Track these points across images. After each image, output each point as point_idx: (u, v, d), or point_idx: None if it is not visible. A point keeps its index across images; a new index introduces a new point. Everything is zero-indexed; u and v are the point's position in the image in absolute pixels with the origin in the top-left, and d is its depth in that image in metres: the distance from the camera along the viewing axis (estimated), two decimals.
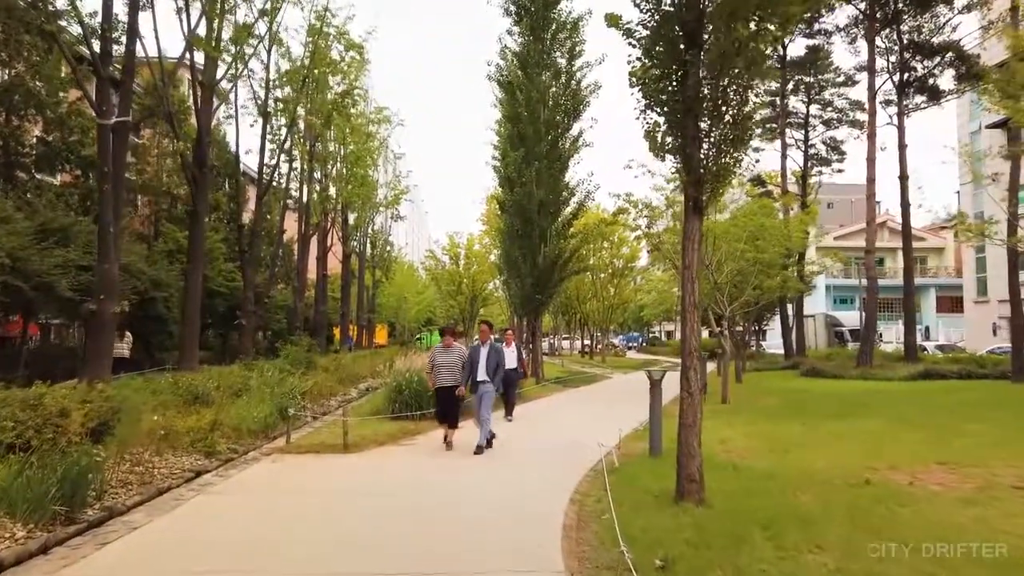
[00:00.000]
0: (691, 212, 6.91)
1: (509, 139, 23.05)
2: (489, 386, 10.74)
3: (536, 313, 23.58)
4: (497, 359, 10.90)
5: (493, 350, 10.94)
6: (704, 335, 68.73)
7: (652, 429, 9.55)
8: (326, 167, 36.09)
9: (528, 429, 13.34)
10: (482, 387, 10.69)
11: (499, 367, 10.89)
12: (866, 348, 23.67)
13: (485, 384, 10.69)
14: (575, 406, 17.81)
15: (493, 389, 10.87)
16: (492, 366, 10.75)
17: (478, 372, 10.69)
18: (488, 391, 10.72)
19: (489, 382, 10.71)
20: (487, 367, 10.70)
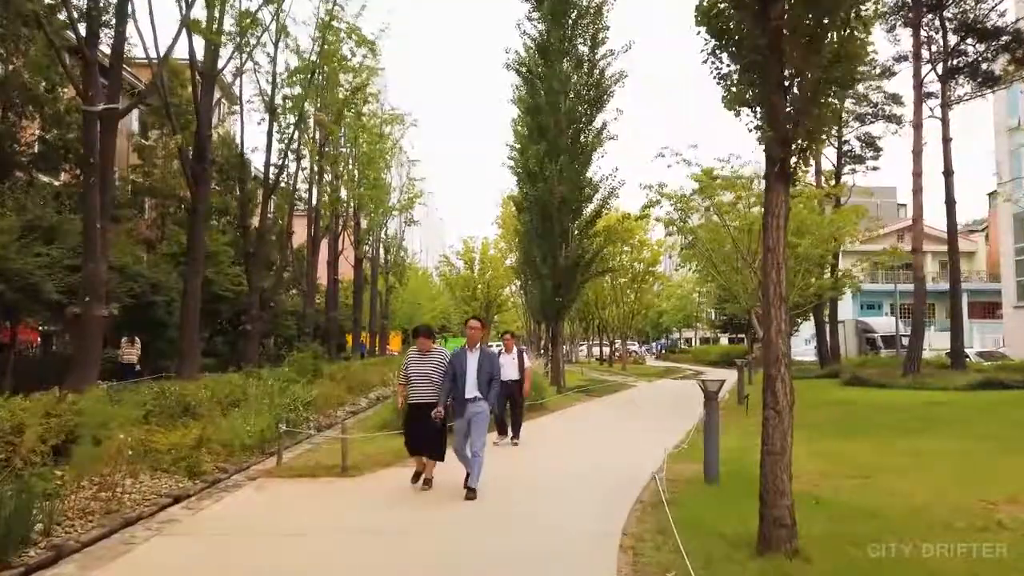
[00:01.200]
0: (775, 179, 5.40)
1: (528, 132, 21.62)
2: (482, 406, 7.81)
3: (557, 318, 22.08)
4: (491, 369, 7.98)
5: (485, 357, 8.03)
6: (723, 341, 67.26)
7: (708, 450, 8.02)
8: (337, 168, 34.88)
9: (554, 447, 11.84)
10: (471, 407, 7.77)
11: (493, 380, 7.97)
12: (913, 355, 21.97)
13: (476, 403, 7.78)
14: (602, 418, 16.29)
15: (487, 410, 7.94)
16: (484, 378, 7.86)
17: (465, 387, 7.81)
18: (480, 413, 7.80)
19: (482, 400, 7.81)
20: (478, 380, 7.83)
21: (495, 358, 8.38)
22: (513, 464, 10.03)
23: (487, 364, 7.96)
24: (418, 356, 8.16)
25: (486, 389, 7.84)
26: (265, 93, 25.52)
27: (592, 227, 21.97)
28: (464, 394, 7.80)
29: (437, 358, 8.09)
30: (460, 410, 7.82)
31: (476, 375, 7.81)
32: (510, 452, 11.14)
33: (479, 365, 7.87)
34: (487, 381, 7.87)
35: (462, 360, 7.94)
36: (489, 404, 7.91)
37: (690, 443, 11.20)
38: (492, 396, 7.98)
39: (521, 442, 12.17)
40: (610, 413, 17.57)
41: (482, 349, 8.08)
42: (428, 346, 8.25)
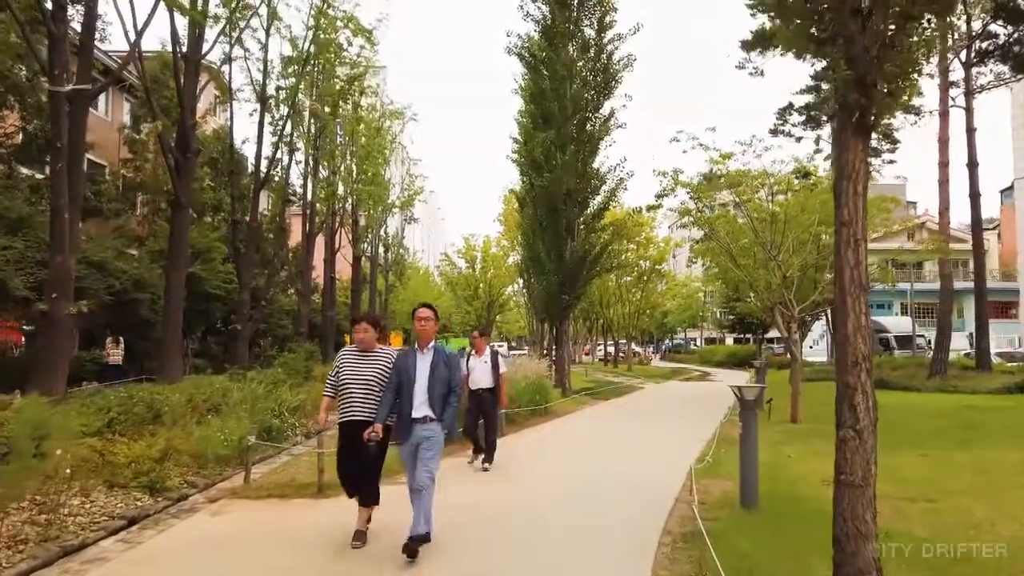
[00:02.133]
0: (852, 132, 4.22)
1: (533, 120, 20.44)
2: (433, 429, 5.52)
3: (563, 316, 20.87)
4: (448, 377, 5.65)
5: (442, 361, 5.70)
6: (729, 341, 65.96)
7: (745, 469, 6.83)
8: (334, 162, 33.73)
9: (559, 459, 10.63)
10: (419, 430, 5.51)
11: (451, 394, 5.65)
12: (940, 357, 20.77)
13: (425, 426, 5.50)
14: (612, 424, 15.09)
15: (440, 433, 5.57)
16: (439, 391, 5.58)
17: (412, 402, 5.55)
18: (430, 437, 5.50)
19: (435, 422, 5.53)
20: (429, 394, 5.55)
21: (455, 361, 5.83)
22: (510, 482, 8.83)
23: (443, 370, 5.59)
24: (355, 356, 5.89)
25: (441, 406, 5.51)
26: (257, 82, 24.36)
27: (599, 220, 20.77)
28: (410, 412, 5.48)
29: (383, 360, 5.86)
30: (404, 434, 5.54)
31: (427, 386, 5.52)
32: (504, 468, 9.95)
33: (432, 372, 5.55)
34: (443, 395, 5.55)
35: (409, 364, 5.61)
36: (444, 427, 5.52)
37: (714, 455, 10.03)
38: (449, 417, 5.55)
39: (523, 454, 10.99)
40: (620, 418, 16.38)
41: (438, 350, 5.74)
42: (371, 341, 5.91)
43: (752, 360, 43.55)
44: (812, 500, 7.00)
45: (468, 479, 8.76)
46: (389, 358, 5.89)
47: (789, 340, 13.47)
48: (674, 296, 59.38)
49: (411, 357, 5.73)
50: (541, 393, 15.98)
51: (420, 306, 5.99)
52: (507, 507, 7.21)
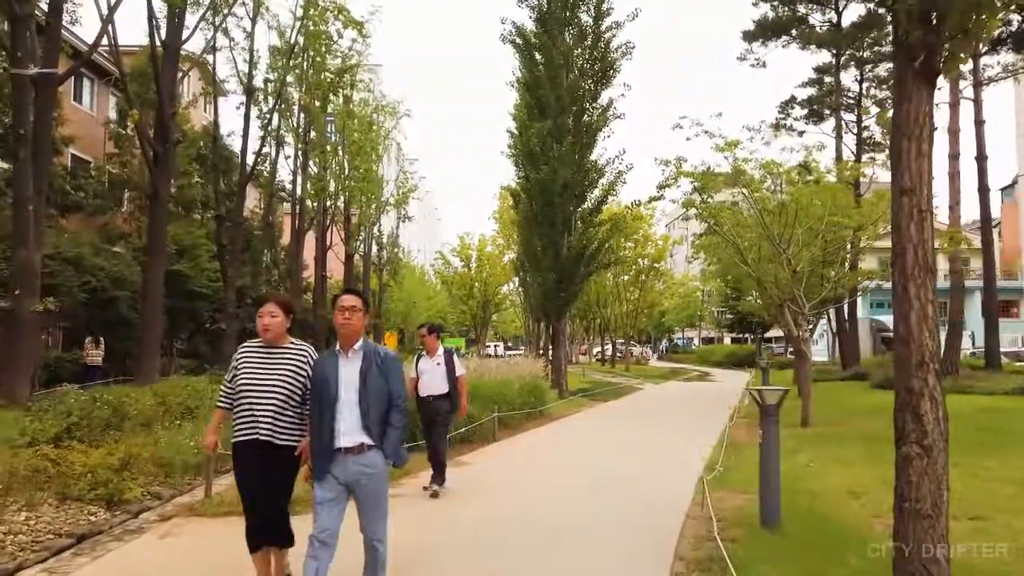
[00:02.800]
0: (914, 79, 3.44)
1: (528, 111, 19.63)
2: (372, 462, 3.98)
3: (559, 314, 20.05)
4: (385, 388, 4.03)
5: (375, 366, 4.04)
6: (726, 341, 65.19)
7: (765, 485, 6.03)
8: (324, 157, 32.91)
9: (556, 465, 9.83)
10: (352, 464, 3.95)
11: (393, 409, 4.04)
12: (951, 356, 20.01)
13: (361, 457, 3.96)
14: (611, 427, 14.30)
15: (384, 468, 4.05)
16: (376, 408, 4.00)
17: (336, 423, 3.94)
18: (371, 474, 3.99)
19: (374, 450, 3.98)
20: (362, 411, 3.96)
21: (394, 365, 4.13)
22: (495, 496, 8.03)
23: (378, 379, 3.98)
24: (258, 353, 4.26)
25: (380, 428, 3.96)
26: (242, 73, 23.53)
27: (597, 214, 19.97)
28: (331, 439, 3.89)
29: (296, 358, 4.24)
30: (323, 466, 3.92)
31: (358, 401, 3.93)
32: (491, 479, 9.15)
33: (362, 382, 3.95)
34: (381, 412, 3.98)
35: (327, 373, 3.98)
36: (389, 458, 4.00)
37: (723, 462, 9.23)
38: (394, 443, 4.00)
39: (513, 462, 10.21)
40: (619, 421, 15.59)
41: (370, 351, 4.05)
42: (279, 332, 4.25)
43: (755, 359, 42.85)
44: (839, 519, 6.22)
45: (465, 482, 7.96)
46: (304, 356, 4.25)
47: (799, 339, 12.68)
48: (672, 295, 58.65)
49: (330, 363, 4.00)
50: (536, 395, 15.18)
51: (343, 292, 4.18)
52: (486, 530, 6.40)
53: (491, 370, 13.93)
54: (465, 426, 11.01)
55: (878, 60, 28.96)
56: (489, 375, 13.49)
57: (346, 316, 4.04)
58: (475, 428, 11.37)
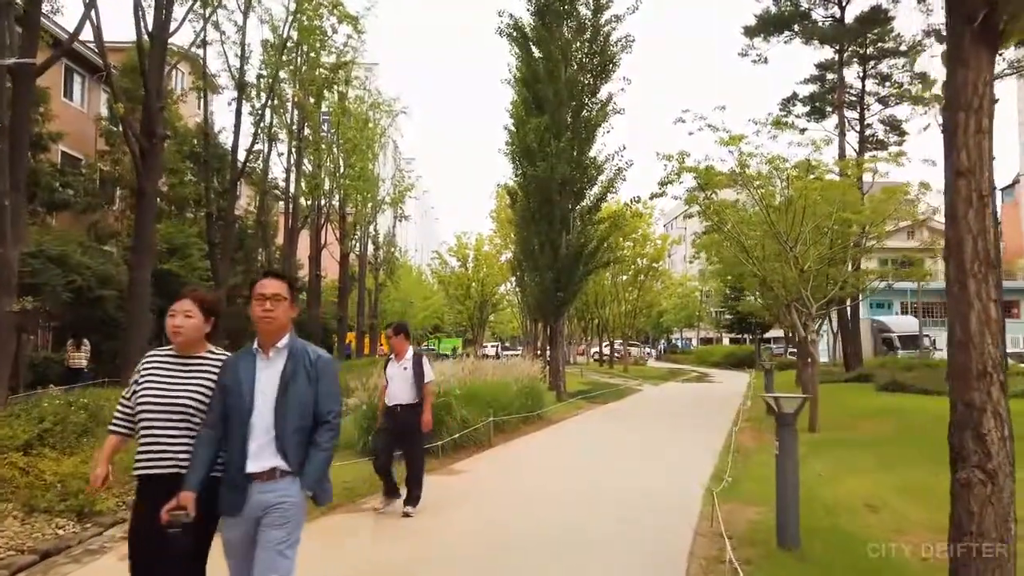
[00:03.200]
0: (971, 44, 2.97)
1: (525, 106, 19.14)
2: (284, 491, 3.06)
3: (557, 315, 19.56)
4: (311, 399, 3.12)
5: (301, 370, 3.14)
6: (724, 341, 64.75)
7: (783, 501, 5.55)
8: (319, 155, 32.42)
9: (554, 473, 9.34)
10: (259, 493, 3.04)
11: (322, 426, 3.13)
12: None
13: (270, 485, 3.05)
14: (610, 431, 13.82)
15: (298, 499, 3.08)
16: (295, 423, 3.09)
17: (248, 444, 3.05)
18: (280, 506, 3.05)
19: (288, 478, 3.06)
20: (278, 426, 3.07)
21: (328, 368, 3.24)
22: (485, 507, 7.55)
23: (303, 386, 3.13)
24: (166, 363, 3.29)
25: (298, 449, 3.08)
26: (234, 68, 23.01)
27: (596, 212, 19.48)
28: (242, 462, 3.04)
29: (210, 370, 3.26)
30: (231, 503, 3.06)
31: (274, 415, 3.07)
32: (484, 485, 8.66)
33: (283, 389, 3.10)
34: (301, 430, 3.10)
35: (240, 378, 3.12)
36: (307, 486, 3.08)
37: (731, 470, 8.76)
38: (316, 469, 3.10)
39: (508, 469, 9.72)
40: (619, 424, 15.11)
41: (298, 351, 3.19)
42: (194, 336, 3.28)
43: (754, 360, 42.41)
44: (861, 537, 5.74)
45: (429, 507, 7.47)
46: (215, 366, 3.27)
47: (806, 340, 12.21)
48: (670, 296, 58.21)
49: (243, 364, 3.13)
50: (533, 398, 14.71)
51: (263, 276, 3.27)
52: (477, 544, 5.91)
53: (487, 372, 13.43)
54: (460, 431, 10.53)
55: (881, 56, 28.53)
56: (485, 377, 12.99)
57: (266, 307, 3.10)
58: (469, 433, 10.89)
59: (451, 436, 10.31)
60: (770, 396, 5.75)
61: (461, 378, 11.78)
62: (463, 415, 10.85)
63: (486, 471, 9.32)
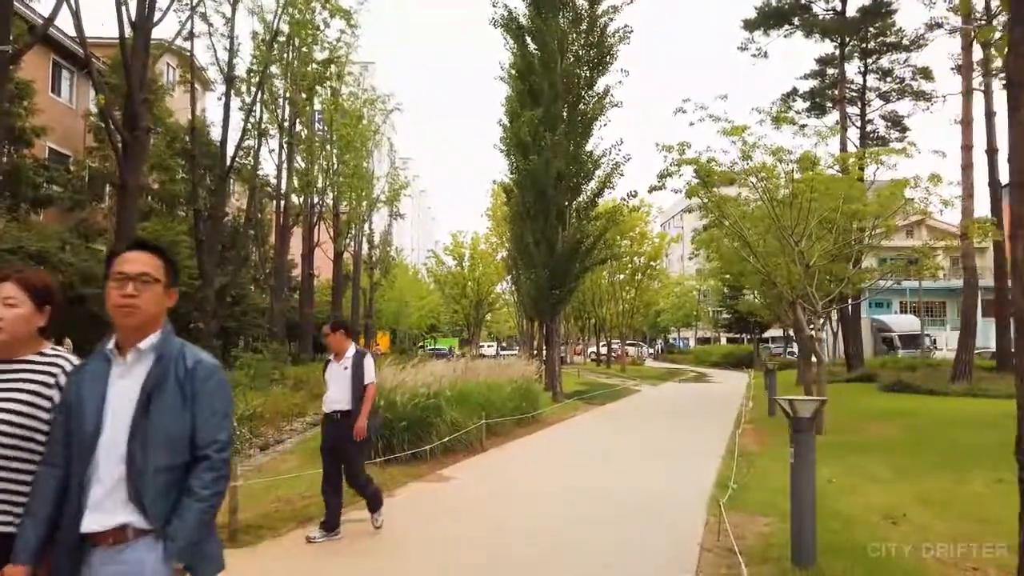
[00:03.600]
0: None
1: (520, 99, 18.62)
2: (136, 562, 2.03)
3: (552, 313, 19.04)
4: (187, 422, 2.14)
5: (172, 381, 2.15)
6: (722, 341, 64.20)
7: (799, 515, 5.04)
8: (311, 152, 31.87)
9: (549, 479, 8.83)
10: (101, 564, 2.05)
11: (199, 462, 2.13)
12: (965, 358, 19.08)
13: (114, 553, 2.05)
14: (609, 434, 13.32)
15: (159, 570, 2.03)
16: (159, 459, 2.09)
17: (88, 487, 2.07)
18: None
19: (144, 538, 2.06)
20: (131, 463, 2.06)
21: (211, 380, 2.21)
22: (473, 518, 7.04)
23: (174, 407, 2.14)
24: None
25: (165, 504, 2.08)
26: (222, 61, 22.45)
27: (593, 207, 18.96)
28: (78, 516, 2.07)
29: (40, 378, 2.31)
30: (65, 570, 2.08)
31: (129, 446, 2.08)
32: (478, 489, 8.16)
33: (141, 408, 2.11)
34: (173, 467, 2.12)
35: (86, 392, 2.15)
36: (174, 553, 2.04)
37: (736, 476, 8.25)
38: (188, 526, 2.06)
39: (501, 475, 9.22)
40: (617, 427, 14.61)
41: (170, 352, 2.19)
42: (20, 336, 2.32)
43: (753, 360, 41.94)
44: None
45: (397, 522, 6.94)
46: (54, 375, 2.33)
47: (812, 339, 11.69)
48: (667, 295, 57.75)
49: (90, 372, 2.21)
50: (528, 399, 14.21)
51: (128, 247, 2.31)
52: (463, 562, 5.40)
53: (479, 372, 12.92)
54: (450, 435, 10.02)
55: (883, 51, 28.08)
56: (477, 378, 12.48)
57: (127, 291, 2.16)
58: (460, 436, 10.38)
59: (440, 440, 9.79)
60: (784, 399, 5.23)
61: (452, 379, 11.26)
62: (453, 417, 10.35)
63: (476, 478, 8.81)
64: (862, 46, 27.94)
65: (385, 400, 9.48)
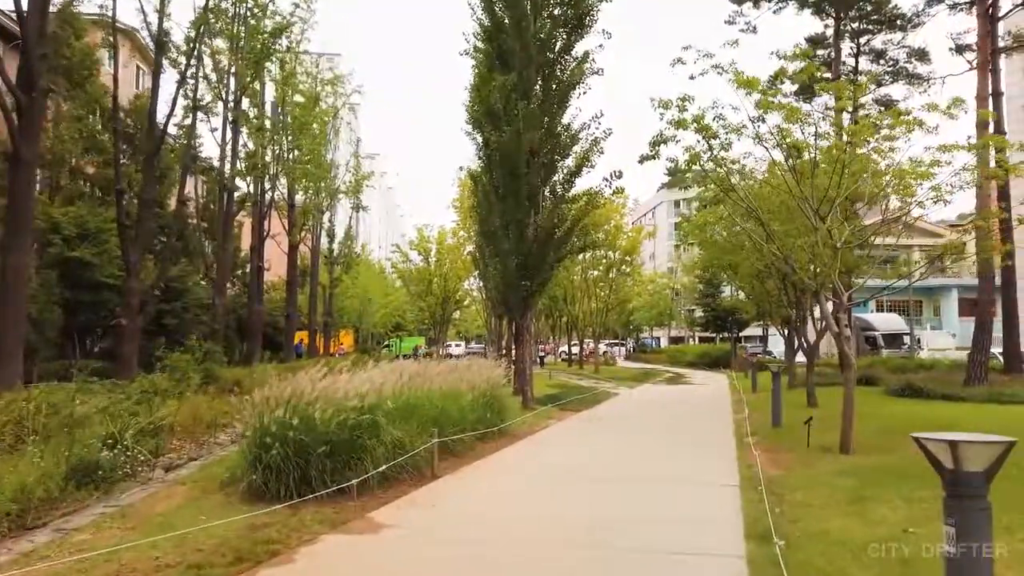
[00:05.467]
0: None
1: (488, 61, 16.34)
2: None
3: (523, 308, 16.72)
4: None
5: None
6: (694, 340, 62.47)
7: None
8: (261, 133, 29.21)
9: (525, 516, 6.54)
10: None
11: None
12: (980, 359, 17.17)
13: None
14: (589, 451, 11.06)
15: None
16: None
17: None
18: None
19: None
20: None
21: None
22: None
23: None
24: None
25: None
26: (151, 25, 19.79)
27: (570, 188, 16.69)
28: None
29: None
30: None
31: None
32: (419, 548, 5.86)
33: None
34: None
35: None
36: None
37: (774, 521, 6.04)
38: None
39: (458, 516, 6.90)
40: (598, 440, 12.38)
41: None
42: None
43: (730, 359, 40.03)
44: None
45: None
46: None
47: (842, 337, 9.56)
48: (639, 293, 55.83)
49: None
50: (494, 408, 11.92)
51: None
52: None
53: (434, 377, 10.53)
54: (390, 460, 7.69)
55: (876, 30, 26.34)
56: (431, 384, 10.13)
57: None
58: (406, 461, 8.05)
59: (377, 468, 7.45)
60: (936, 438, 2.99)
61: (398, 386, 8.91)
62: (395, 437, 8.02)
63: (421, 524, 6.48)
64: (854, 25, 26.16)
65: (300, 417, 7.12)
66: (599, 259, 37.35)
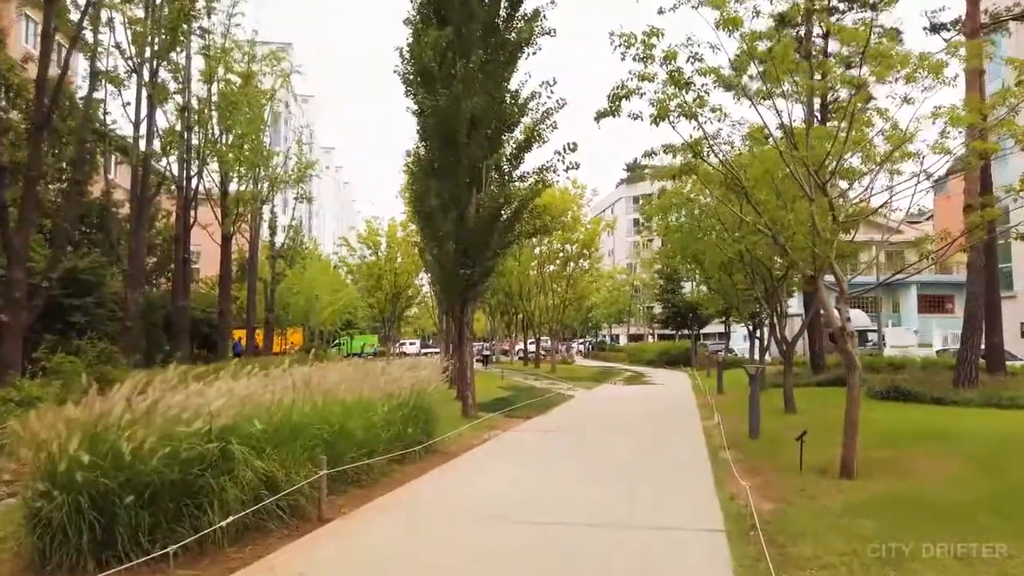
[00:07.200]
0: None
1: (422, 15, 14.15)
2: None
3: (464, 299, 14.56)
4: None
5: None
6: (652, 338, 61.05)
7: None
8: (185, 111, 26.58)
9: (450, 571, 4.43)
10: None
11: None
12: (970, 358, 15.59)
13: None
14: (533, 476, 8.98)
15: None
16: None
17: None
18: None
19: None
20: None
21: None
22: None
23: None
24: None
25: None
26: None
27: (518, 164, 14.57)
28: None
29: None
30: None
31: None
32: None
33: None
34: None
35: None
36: None
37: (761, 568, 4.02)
38: None
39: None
40: (548, 458, 10.31)
41: None
42: None
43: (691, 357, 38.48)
44: None
45: None
46: None
47: (845, 333, 7.65)
48: (598, 289, 54.14)
49: None
50: (421, 420, 9.78)
51: None
52: None
53: (339, 382, 8.28)
54: (247, 507, 5.50)
55: (847, 8, 24.83)
56: (331, 392, 7.89)
57: None
58: (278, 502, 5.88)
59: (226, 519, 5.26)
60: None
61: (273, 399, 6.68)
62: (261, 470, 5.82)
63: None
64: (824, 2, 24.57)
65: (103, 451, 4.90)
66: (556, 252, 35.37)
